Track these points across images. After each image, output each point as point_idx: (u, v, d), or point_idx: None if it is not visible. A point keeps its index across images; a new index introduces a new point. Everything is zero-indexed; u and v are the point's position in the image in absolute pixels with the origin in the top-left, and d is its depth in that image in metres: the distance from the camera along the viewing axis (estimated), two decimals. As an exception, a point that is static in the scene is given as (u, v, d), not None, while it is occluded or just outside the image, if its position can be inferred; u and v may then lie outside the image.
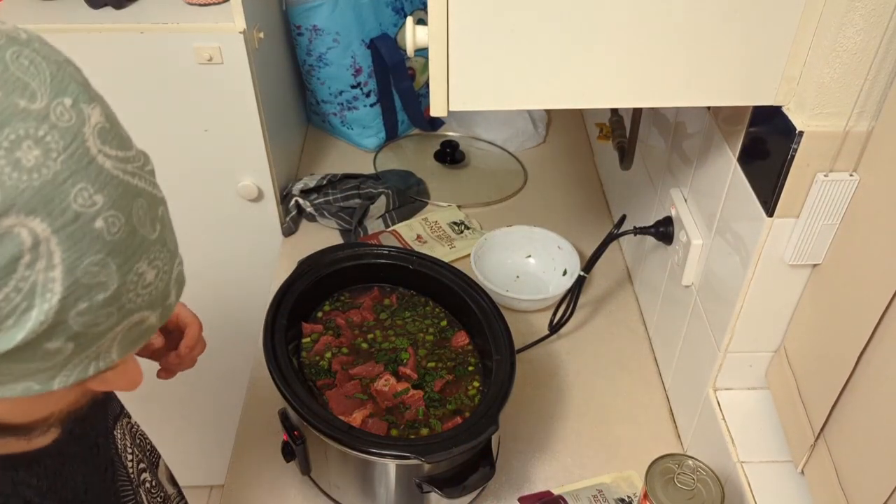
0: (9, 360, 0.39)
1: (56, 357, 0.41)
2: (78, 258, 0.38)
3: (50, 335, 0.39)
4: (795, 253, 0.77)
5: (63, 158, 0.37)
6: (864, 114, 0.69)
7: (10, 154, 0.35)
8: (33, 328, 0.38)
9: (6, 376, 0.41)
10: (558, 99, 0.72)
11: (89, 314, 0.40)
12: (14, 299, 0.37)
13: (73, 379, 0.43)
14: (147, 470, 0.73)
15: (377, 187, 1.41)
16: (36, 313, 0.38)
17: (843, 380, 0.70)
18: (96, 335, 0.41)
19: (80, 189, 0.38)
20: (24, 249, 0.36)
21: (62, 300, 0.38)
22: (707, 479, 0.81)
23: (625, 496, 0.96)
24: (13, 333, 0.38)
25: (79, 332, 0.40)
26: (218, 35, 1.16)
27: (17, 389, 0.41)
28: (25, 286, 0.37)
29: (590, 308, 1.25)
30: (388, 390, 0.94)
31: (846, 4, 0.63)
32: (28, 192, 0.36)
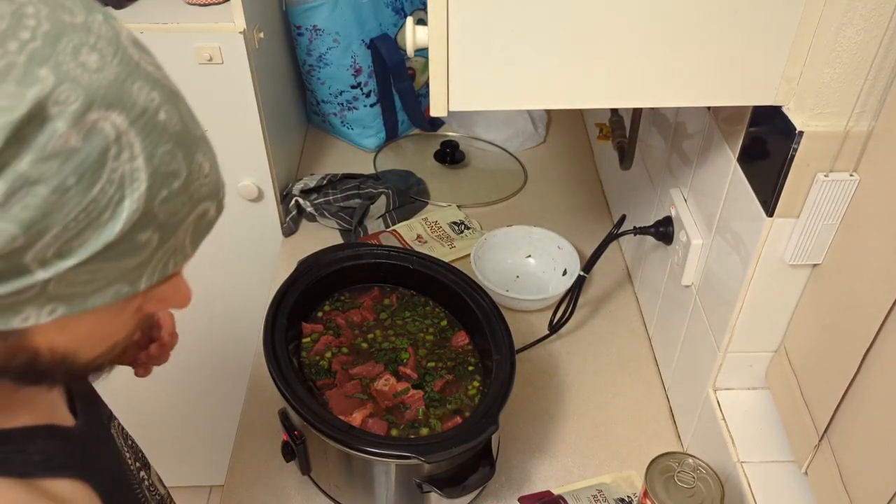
0: (105, 259, 0.42)
1: (144, 251, 0.44)
2: (153, 148, 0.42)
3: (141, 226, 0.42)
4: (795, 253, 0.77)
5: (116, 62, 0.41)
6: (865, 114, 0.69)
7: (76, 58, 0.39)
8: (128, 217, 0.41)
9: (100, 280, 0.43)
10: (558, 99, 0.72)
11: (169, 202, 0.43)
12: (108, 191, 0.40)
13: (158, 276, 0.46)
14: (143, 469, 0.73)
15: (377, 187, 1.41)
16: (128, 203, 0.41)
17: (847, 380, 0.70)
18: (175, 224, 0.45)
19: (139, 87, 0.41)
20: (110, 142, 0.40)
21: (148, 189, 0.42)
22: (707, 477, 0.81)
23: (625, 496, 0.97)
24: (111, 226, 0.41)
25: (163, 221, 0.44)
26: (218, 35, 1.16)
27: (109, 294, 0.44)
28: (116, 177, 0.40)
29: (590, 308, 1.25)
30: (388, 390, 0.94)
31: (846, 4, 0.64)
32: (102, 90, 0.39)
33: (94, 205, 0.40)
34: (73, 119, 0.38)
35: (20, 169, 0.37)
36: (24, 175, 0.37)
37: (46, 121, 0.38)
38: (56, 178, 0.38)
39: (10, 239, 0.38)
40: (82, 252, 0.41)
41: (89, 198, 0.40)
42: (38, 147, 0.38)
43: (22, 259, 0.40)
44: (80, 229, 0.40)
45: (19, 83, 0.37)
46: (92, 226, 0.41)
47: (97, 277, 0.43)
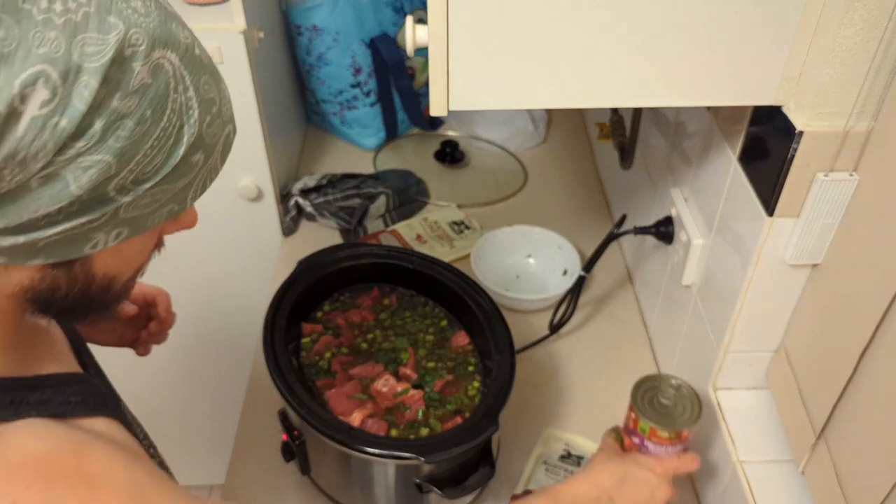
0: (168, 181, 0.48)
1: (194, 171, 0.50)
2: (198, 79, 0.48)
3: (195, 148, 0.49)
4: (795, 253, 0.77)
5: (154, 7, 0.46)
6: (864, 113, 0.69)
7: (130, 5, 0.44)
8: (188, 142, 0.48)
9: (158, 202, 0.49)
10: (558, 99, 0.72)
11: (212, 125, 0.50)
12: (173, 120, 0.46)
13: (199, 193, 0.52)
14: (152, 447, 0.75)
15: (377, 187, 1.41)
16: (187, 129, 0.48)
17: (844, 380, 0.70)
18: (213, 145, 0.51)
19: (176, 26, 0.47)
20: (170, 77, 0.46)
21: (200, 115, 0.48)
22: (686, 394, 0.86)
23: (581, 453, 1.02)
24: (177, 150, 0.47)
25: (208, 143, 0.50)
26: (218, 35, 1.16)
27: (163, 214, 0.50)
28: (178, 107, 0.46)
29: (590, 308, 1.25)
30: (388, 390, 0.93)
31: (846, 4, 0.63)
32: (157, 32, 0.45)
33: (163, 133, 0.46)
34: (144, 59, 0.44)
35: (113, 105, 0.43)
36: (117, 110, 0.43)
37: (125, 62, 0.43)
38: (138, 111, 0.44)
39: (106, 167, 0.44)
40: (155, 176, 0.47)
41: (160, 127, 0.46)
42: (124, 85, 0.43)
43: (106, 189, 0.45)
44: (154, 155, 0.46)
45: (99, 31, 0.42)
46: (163, 151, 0.46)
47: (157, 199, 0.48)
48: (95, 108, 0.42)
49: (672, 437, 0.83)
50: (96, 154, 0.43)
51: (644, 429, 0.84)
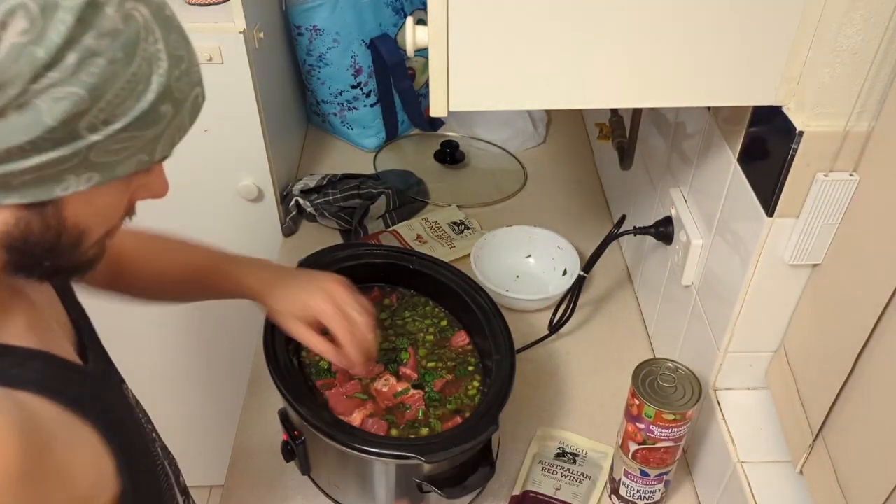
0: (137, 128, 0.50)
1: (163, 122, 0.52)
2: (168, 34, 0.51)
3: (164, 98, 0.51)
4: (795, 253, 0.77)
5: None
6: (864, 114, 0.69)
7: None
8: (158, 89, 0.50)
9: (128, 149, 0.51)
10: (558, 99, 0.72)
11: (181, 80, 0.53)
12: (143, 67, 0.49)
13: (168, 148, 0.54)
14: (154, 433, 0.77)
15: (377, 187, 1.40)
16: (156, 77, 0.50)
17: (842, 380, 0.70)
18: (182, 101, 0.53)
19: None
20: (140, 27, 0.49)
21: (168, 67, 0.51)
22: (685, 377, 0.86)
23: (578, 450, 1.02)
24: (146, 96, 0.50)
25: (176, 97, 0.52)
26: (218, 35, 1.16)
27: (133, 163, 0.52)
28: (147, 55, 0.49)
29: (590, 308, 1.25)
30: (388, 390, 0.94)
31: (846, 4, 0.64)
32: None
33: (134, 77, 0.49)
34: (117, 6, 0.47)
35: (86, 43, 0.46)
36: (90, 48, 0.46)
37: (99, 6, 0.46)
38: (110, 52, 0.47)
39: (79, 100, 0.47)
40: (125, 118, 0.49)
41: (131, 71, 0.48)
42: (97, 26, 0.46)
43: (77, 124, 0.47)
44: (125, 97, 0.49)
45: None
46: (133, 95, 0.49)
47: (127, 146, 0.51)
48: (70, 43, 0.45)
49: (678, 418, 0.83)
50: (69, 86, 0.46)
51: (649, 413, 0.84)
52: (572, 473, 0.99)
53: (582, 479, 0.98)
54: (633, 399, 0.86)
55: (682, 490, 0.99)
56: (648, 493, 0.93)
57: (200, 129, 1.27)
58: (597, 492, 0.97)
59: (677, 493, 0.99)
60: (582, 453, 1.02)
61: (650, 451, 0.88)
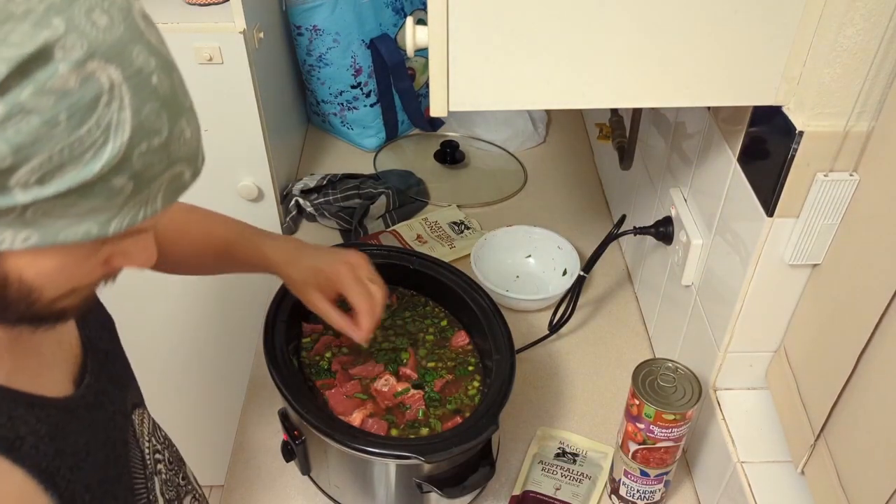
0: (81, 196, 0.46)
1: (118, 196, 0.47)
2: (142, 104, 0.46)
3: (118, 170, 0.46)
4: (795, 253, 0.77)
5: (124, 27, 0.46)
6: (864, 114, 0.69)
7: (89, 17, 0.44)
8: (108, 161, 0.45)
9: (73, 216, 0.46)
10: (558, 99, 0.72)
11: (148, 155, 0.47)
12: (94, 133, 0.44)
13: (126, 223, 0.49)
14: (164, 462, 0.74)
15: (377, 187, 1.41)
16: (110, 147, 0.45)
17: (843, 380, 0.70)
18: (150, 178, 0.48)
19: (139, 51, 0.46)
20: (104, 90, 0.44)
21: (130, 138, 0.46)
22: (685, 377, 0.86)
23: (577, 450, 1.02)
24: (92, 165, 0.45)
25: (138, 171, 0.47)
26: (218, 35, 1.16)
27: (79, 232, 0.47)
28: (104, 123, 0.45)
29: (590, 308, 1.25)
30: (388, 390, 0.94)
31: (846, 4, 0.63)
32: (105, 45, 0.44)
33: (79, 142, 0.44)
34: (74, 65, 0.43)
35: (20, 97, 0.42)
36: (22, 104, 0.42)
37: (50, 61, 0.42)
38: (49, 112, 0.43)
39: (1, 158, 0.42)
40: (61, 183, 0.45)
41: (76, 135, 0.44)
42: (38, 82, 0.42)
43: (7, 181, 0.43)
44: (63, 162, 0.44)
45: (34, 25, 0.42)
46: (74, 161, 0.44)
47: (70, 212, 0.46)
48: None
49: (678, 418, 0.84)
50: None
51: (649, 413, 0.84)
52: (572, 473, 0.99)
53: (582, 479, 0.98)
54: (633, 399, 0.86)
55: (682, 490, 0.99)
56: (648, 493, 0.93)
57: (201, 129, 1.28)
58: (597, 492, 0.97)
59: (677, 493, 0.99)
60: (582, 453, 1.02)
61: (650, 451, 0.88)
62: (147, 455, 0.71)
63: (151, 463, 0.71)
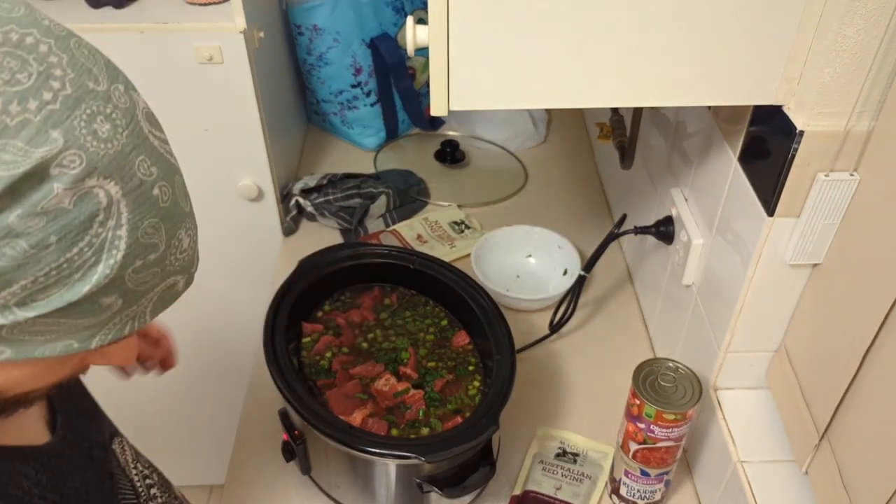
0: (64, 315, 0.42)
1: (105, 313, 0.44)
2: (140, 220, 0.42)
3: (108, 290, 0.43)
4: (796, 252, 0.77)
5: (126, 133, 0.42)
6: (865, 113, 0.69)
7: (90, 126, 0.40)
8: (97, 282, 0.42)
9: (53, 332, 0.43)
10: (558, 99, 0.72)
11: (141, 272, 0.44)
12: (86, 254, 0.41)
13: (111, 337, 0.45)
14: (157, 486, 0.72)
15: (377, 187, 1.40)
16: (102, 268, 0.41)
17: (848, 380, 0.70)
18: (141, 293, 0.45)
19: (141, 160, 0.42)
20: (101, 208, 0.40)
21: (125, 257, 0.42)
22: (686, 376, 0.87)
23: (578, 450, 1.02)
24: (79, 287, 0.41)
25: (130, 288, 0.44)
26: (218, 35, 1.16)
27: (58, 348, 0.44)
28: (97, 242, 0.41)
29: (590, 308, 1.25)
30: (388, 390, 0.94)
31: (846, 4, 0.63)
32: (106, 159, 0.40)
33: (67, 264, 0.40)
34: (71, 183, 0.39)
35: (7, 220, 0.38)
36: (9, 227, 0.38)
37: (45, 181, 0.38)
38: (39, 235, 0.39)
39: None
40: (44, 306, 0.41)
41: (66, 257, 0.40)
42: (30, 203, 0.38)
43: None
44: (49, 285, 0.40)
45: (29, 142, 0.37)
46: (60, 283, 0.41)
47: (51, 330, 0.43)
48: None
49: (678, 417, 0.84)
50: None
51: (650, 413, 0.84)
52: (573, 473, 0.99)
53: (582, 479, 0.98)
54: (634, 399, 0.86)
55: (682, 490, 0.99)
56: (649, 493, 0.93)
57: (200, 129, 1.28)
58: (597, 492, 0.97)
59: (677, 493, 0.99)
60: (582, 453, 1.02)
61: (650, 450, 0.88)
62: (137, 482, 0.69)
63: (144, 489, 0.69)
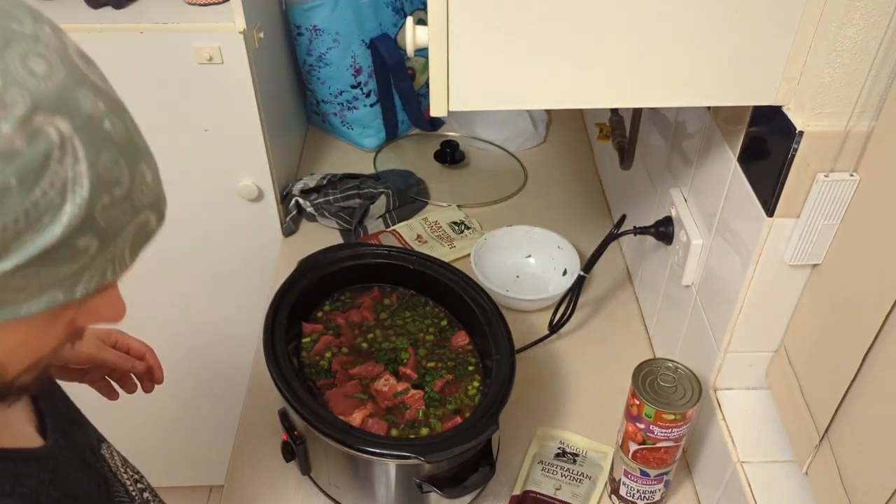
0: (42, 263, 0.42)
1: (83, 257, 0.43)
2: (97, 154, 0.42)
3: (81, 230, 0.42)
4: (795, 253, 0.77)
5: (63, 71, 0.41)
6: (865, 113, 0.69)
7: (24, 64, 0.39)
8: (69, 222, 0.41)
9: (35, 286, 0.42)
10: (558, 99, 0.72)
11: (111, 209, 0.43)
12: (49, 194, 0.40)
13: (94, 284, 0.45)
14: (147, 490, 0.72)
15: (377, 187, 1.40)
16: (69, 207, 0.41)
17: (848, 380, 0.70)
18: (116, 232, 0.45)
19: (85, 95, 0.42)
20: (54, 146, 0.40)
21: (90, 194, 0.42)
22: (685, 376, 0.86)
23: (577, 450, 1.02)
24: (52, 229, 0.41)
25: (103, 227, 0.43)
26: (218, 35, 1.16)
27: (43, 302, 0.43)
28: (58, 181, 0.40)
29: (590, 308, 1.25)
30: (388, 390, 0.94)
31: (846, 4, 0.63)
32: (48, 95, 0.40)
33: (34, 207, 0.40)
34: (18, 122, 0.38)
35: None
36: None
37: None
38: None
39: None
40: (21, 254, 0.40)
41: (30, 200, 0.40)
42: None
43: None
44: (20, 231, 0.40)
45: None
46: (32, 228, 0.40)
47: (33, 283, 0.42)
48: None
49: (678, 418, 0.84)
50: None
51: (649, 413, 0.84)
52: (572, 473, 0.99)
53: (582, 479, 0.98)
54: (634, 399, 0.86)
55: (682, 490, 0.99)
56: (648, 493, 0.93)
57: (200, 129, 1.28)
58: (597, 492, 0.97)
59: (677, 493, 0.99)
60: (582, 453, 1.02)
61: (650, 451, 0.88)
62: (130, 486, 0.69)
63: (137, 493, 0.69)
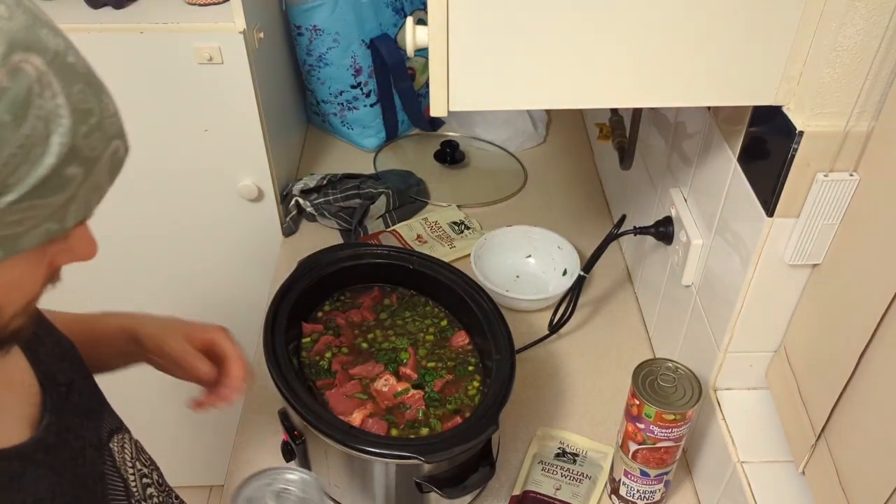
0: (37, 195, 0.44)
1: (71, 186, 0.46)
2: (70, 86, 0.45)
3: (69, 159, 0.45)
4: (795, 253, 0.77)
5: (21, 11, 0.43)
6: (865, 113, 0.69)
7: None
8: (59, 151, 0.44)
9: (31, 219, 0.45)
10: (558, 99, 0.72)
11: (90, 137, 0.46)
12: (38, 127, 0.43)
13: (81, 213, 0.49)
14: (153, 485, 0.72)
15: (377, 187, 1.41)
16: (56, 137, 0.44)
17: (844, 380, 0.70)
18: (95, 160, 0.47)
19: (46, 32, 0.44)
20: (33, 81, 0.42)
21: (72, 123, 0.45)
22: (685, 377, 0.86)
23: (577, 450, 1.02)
24: (45, 160, 0.44)
25: (87, 156, 0.46)
26: (218, 35, 1.16)
27: (39, 234, 0.46)
28: (43, 114, 0.43)
29: (590, 308, 1.25)
30: (388, 390, 0.94)
31: (846, 4, 0.63)
32: (19, 34, 0.42)
33: (27, 140, 0.43)
34: (1, 61, 0.41)
35: None
36: None
37: None
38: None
39: None
40: (20, 188, 0.43)
41: (22, 134, 0.42)
42: None
43: None
44: (17, 164, 0.43)
45: None
46: (28, 161, 0.43)
47: (29, 216, 0.45)
48: None
49: (678, 418, 0.84)
50: None
51: (649, 413, 0.84)
52: (572, 473, 0.99)
53: (582, 479, 0.98)
54: (634, 399, 0.86)
55: (682, 490, 0.99)
56: (648, 493, 0.93)
57: (200, 129, 1.28)
58: (597, 492, 0.97)
59: (677, 493, 0.99)
60: (582, 453, 1.02)
61: (650, 451, 0.88)
62: (132, 482, 0.68)
63: (139, 489, 0.69)
